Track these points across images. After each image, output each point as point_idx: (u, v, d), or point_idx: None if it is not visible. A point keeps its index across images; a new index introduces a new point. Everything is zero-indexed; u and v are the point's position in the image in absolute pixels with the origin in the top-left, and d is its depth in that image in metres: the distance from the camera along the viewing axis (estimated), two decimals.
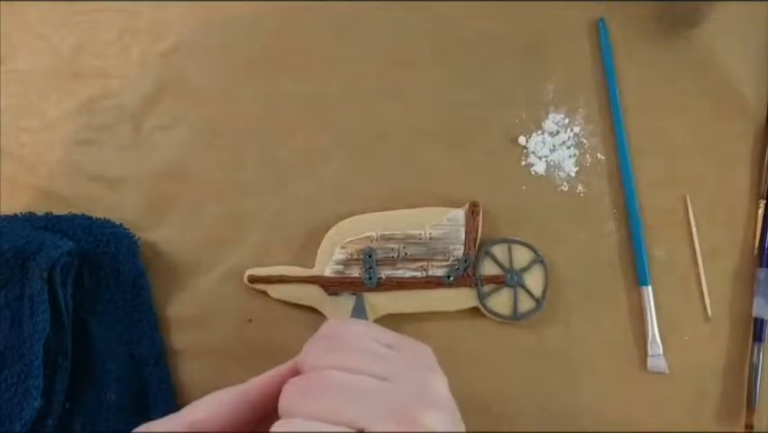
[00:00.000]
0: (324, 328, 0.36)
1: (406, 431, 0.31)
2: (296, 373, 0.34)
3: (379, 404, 0.31)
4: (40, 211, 0.47)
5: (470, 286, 0.48)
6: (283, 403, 0.32)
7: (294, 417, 0.31)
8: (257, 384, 0.36)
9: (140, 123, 0.50)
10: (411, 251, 0.48)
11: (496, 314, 0.47)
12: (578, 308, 0.49)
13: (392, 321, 0.48)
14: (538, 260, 0.48)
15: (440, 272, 0.48)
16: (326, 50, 0.51)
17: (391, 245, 0.48)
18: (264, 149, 0.50)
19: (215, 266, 0.48)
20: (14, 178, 0.49)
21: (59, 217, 0.47)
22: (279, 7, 0.51)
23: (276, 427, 0.31)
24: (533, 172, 0.50)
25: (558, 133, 0.50)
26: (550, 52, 0.51)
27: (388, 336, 0.36)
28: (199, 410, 0.35)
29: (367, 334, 0.36)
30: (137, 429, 0.35)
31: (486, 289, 0.48)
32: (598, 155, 0.50)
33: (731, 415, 0.48)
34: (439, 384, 0.34)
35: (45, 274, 0.43)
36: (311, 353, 0.34)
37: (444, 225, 0.48)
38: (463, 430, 0.34)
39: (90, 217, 0.47)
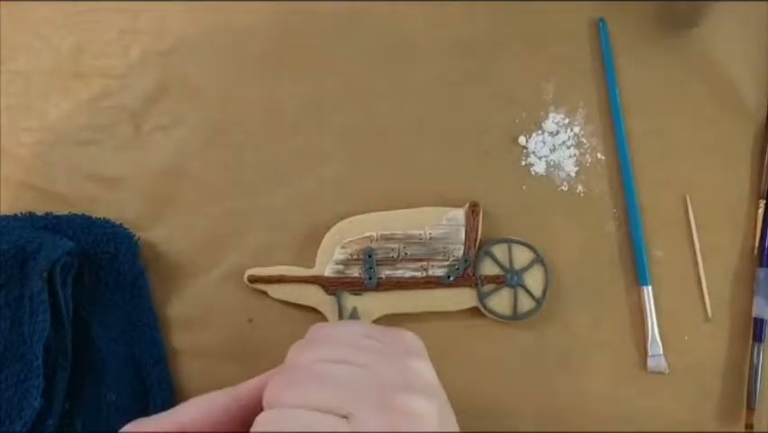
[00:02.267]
0: (309, 331, 0.37)
1: (392, 416, 0.31)
2: None
3: (362, 390, 0.32)
4: (40, 211, 0.47)
5: (470, 286, 0.48)
6: (267, 396, 0.33)
7: (278, 408, 0.32)
8: (247, 387, 0.36)
9: (140, 123, 0.50)
10: (411, 251, 0.48)
11: (496, 314, 0.47)
12: (578, 308, 0.49)
13: (392, 321, 0.48)
14: (538, 260, 0.48)
15: (440, 272, 0.48)
16: (326, 50, 0.51)
17: (391, 245, 0.48)
18: (264, 149, 0.50)
19: (215, 266, 0.48)
20: (14, 178, 0.49)
21: (58, 217, 0.47)
22: (279, 7, 0.51)
23: (261, 417, 0.32)
24: (533, 172, 0.50)
25: (558, 133, 0.50)
26: (550, 52, 0.51)
27: (372, 329, 0.37)
28: (190, 411, 0.35)
29: (349, 329, 0.37)
30: (126, 427, 0.35)
31: (486, 289, 0.48)
32: (598, 155, 0.50)
33: (731, 415, 0.48)
34: (424, 369, 0.34)
35: (45, 274, 0.43)
36: (293, 352, 0.35)
37: (444, 225, 0.48)
38: (452, 416, 0.34)
39: (90, 217, 0.47)
